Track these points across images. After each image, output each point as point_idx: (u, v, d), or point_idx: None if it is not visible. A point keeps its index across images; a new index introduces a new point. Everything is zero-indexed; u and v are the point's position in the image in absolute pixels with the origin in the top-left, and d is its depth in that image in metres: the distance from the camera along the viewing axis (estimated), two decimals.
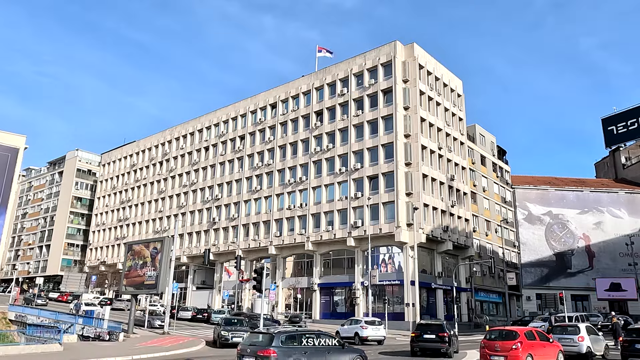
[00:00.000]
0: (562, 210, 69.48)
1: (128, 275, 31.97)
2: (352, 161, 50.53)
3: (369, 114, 50.65)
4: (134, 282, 31.44)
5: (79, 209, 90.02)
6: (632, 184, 73.46)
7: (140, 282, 30.98)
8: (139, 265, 31.24)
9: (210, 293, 61.62)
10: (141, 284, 30.87)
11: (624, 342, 19.00)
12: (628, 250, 64.63)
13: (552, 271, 67.48)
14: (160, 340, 28.24)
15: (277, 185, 57.01)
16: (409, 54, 50.90)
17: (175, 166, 71.12)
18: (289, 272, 55.01)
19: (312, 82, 57.19)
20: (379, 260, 47.55)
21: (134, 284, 31.43)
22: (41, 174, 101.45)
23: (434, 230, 47.84)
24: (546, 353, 18.64)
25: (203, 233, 63.97)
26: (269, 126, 60.35)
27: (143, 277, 30.77)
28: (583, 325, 22.18)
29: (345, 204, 49.76)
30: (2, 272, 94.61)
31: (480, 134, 64.79)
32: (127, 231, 75.13)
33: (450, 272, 49.18)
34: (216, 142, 66.37)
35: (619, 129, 76.26)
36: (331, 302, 50.34)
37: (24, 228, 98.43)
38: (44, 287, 76.37)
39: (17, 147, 39.97)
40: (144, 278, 30.70)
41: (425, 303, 47.16)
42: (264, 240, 56.09)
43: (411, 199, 46.29)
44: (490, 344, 18.08)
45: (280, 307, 53.13)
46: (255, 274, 22.26)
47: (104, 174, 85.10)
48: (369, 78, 51.67)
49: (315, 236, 51.25)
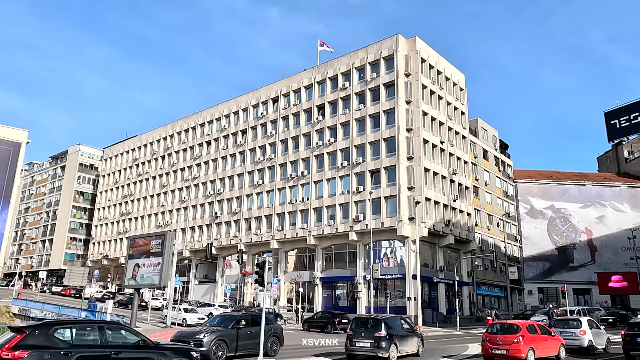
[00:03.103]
0: (565, 204, 69.40)
1: (134, 244, 32.29)
2: (354, 155, 50.48)
3: (371, 108, 50.55)
4: (140, 251, 31.49)
5: (82, 203, 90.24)
6: (635, 178, 73.29)
7: (147, 251, 31.03)
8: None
9: (212, 287, 61.84)
10: (148, 252, 30.87)
11: (626, 336, 18.98)
12: (630, 244, 64.60)
13: (554, 265, 67.50)
14: (164, 334, 28.36)
15: (279, 179, 57.03)
16: (411, 48, 50.72)
17: (177, 160, 71.15)
18: (291, 266, 55.12)
19: (314, 76, 57.06)
20: (380, 254, 47.61)
21: (141, 252, 31.45)
22: (43, 168, 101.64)
23: (436, 224, 47.85)
24: (548, 347, 18.68)
25: (205, 227, 64.09)
26: (270, 120, 60.30)
27: (149, 246, 31.00)
28: (585, 319, 22.20)
29: (347, 198, 49.77)
30: (6, 266, 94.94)
31: (482, 128, 64.64)
32: (129, 225, 75.32)
33: (452, 266, 49.21)
34: (218, 136, 66.35)
35: (622, 123, 76.01)
36: (333, 296, 50.46)
37: (27, 222, 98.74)
38: (47, 281, 76.67)
39: (20, 141, 40.06)
40: (149, 247, 30.92)
41: (427, 297, 47.28)
42: (266, 234, 56.18)
43: (413, 193, 46.27)
44: (492, 338, 18.11)
45: (282, 301, 53.28)
46: (258, 267, 22.28)
47: (106, 168, 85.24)
48: (371, 72, 51.51)
49: (317, 230, 51.30)
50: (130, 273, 31.64)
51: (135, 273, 31.48)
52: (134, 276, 31.44)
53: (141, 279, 30.91)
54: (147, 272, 30.49)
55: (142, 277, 30.85)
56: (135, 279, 31.29)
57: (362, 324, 18.92)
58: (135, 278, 31.36)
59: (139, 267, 31.14)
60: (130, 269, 31.67)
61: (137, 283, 31.50)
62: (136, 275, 31.39)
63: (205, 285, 63.53)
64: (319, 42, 58.57)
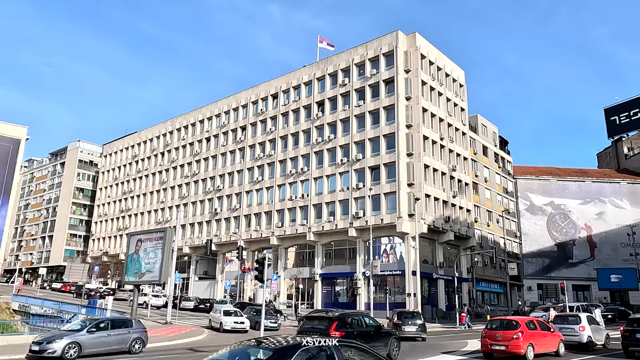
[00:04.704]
0: (564, 200, 69.43)
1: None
2: (354, 152, 50.46)
3: (371, 105, 50.50)
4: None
5: (81, 199, 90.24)
6: (635, 175, 73.30)
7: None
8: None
9: (212, 283, 61.93)
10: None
11: (625, 332, 19.02)
12: (629, 240, 64.68)
13: (554, 261, 67.60)
14: (163, 330, 28.45)
15: (279, 175, 57.02)
16: (411, 44, 50.62)
17: (177, 157, 71.14)
18: (291, 263, 55.19)
19: (313, 73, 56.98)
20: (380, 250, 47.66)
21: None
22: (43, 164, 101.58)
23: (436, 220, 47.87)
24: (547, 343, 18.72)
25: (205, 224, 64.13)
26: (270, 117, 60.24)
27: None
28: (584, 315, 22.24)
29: (347, 195, 49.78)
30: (6, 262, 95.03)
31: (482, 124, 64.61)
32: (129, 222, 75.37)
33: (451, 262, 49.27)
34: (217, 132, 66.31)
35: (622, 119, 75.94)
36: (333, 293, 50.54)
37: (27, 219, 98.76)
38: (47, 278, 76.76)
39: (19, 138, 40.04)
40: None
41: (427, 293, 47.37)
42: (265, 230, 56.21)
43: (413, 190, 46.28)
44: (492, 334, 18.15)
45: (282, 297, 53.37)
46: (257, 264, 22.30)
47: (106, 164, 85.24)
48: (370, 68, 51.43)
49: (317, 227, 51.34)
50: (133, 248, 31.77)
51: (139, 248, 31.52)
52: (136, 251, 31.44)
53: (144, 254, 30.80)
54: (150, 246, 30.56)
55: (145, 251, 30.83)
56: (138, 254, 31.22)
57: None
58: (138, 252, 31.33)
59: (142, 242, 31.23)
60: (133, 244, 31.81)
61: (139, 265, 31.31)
62: (139, 250, 31.40)
63: (205, 282, 63.63)
64: (319, 38, 58.55)
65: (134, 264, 31.79)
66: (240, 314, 30.89)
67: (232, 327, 28.91)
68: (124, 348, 19.25)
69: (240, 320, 29.57)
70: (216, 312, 31.60)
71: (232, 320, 29.35)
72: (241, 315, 30.60)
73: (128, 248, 33.01)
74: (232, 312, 30.57)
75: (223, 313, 30.05)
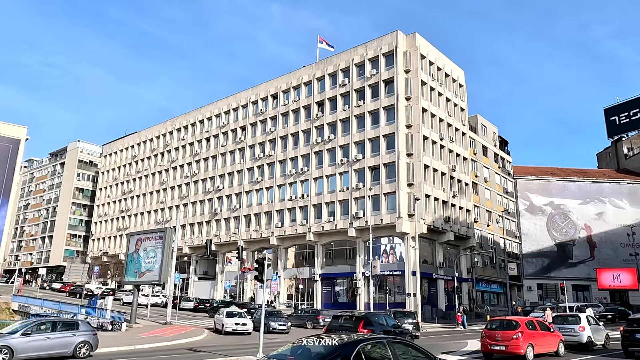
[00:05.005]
0: (564, 200, 69.43)
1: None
2: (354, 152, 50.46)
3: (371, 105, 50.50)
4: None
5: (81, 200, 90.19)
6: (634, 175, 73.30)
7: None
8: None
9: (212, 284, 61.91)
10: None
11: (625, 332, 19.01)
12: (629, 240, 64.66)
13: (553, 261, 67.59)
14: (163, 330, 28.45)
15: (279, 176, 57.02)
16: (411, 44, 50.63)
17: (177, 157, 71.13)
18: (291, 263, 55.18)
19: (313, 73, 56.98)
20: (380, 250, 47.66)
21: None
22: (43, 165, 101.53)
23: (435, 220, 47.87)
24: (547, 343, 18.72)
25: (205, 224, 64.12)
26: (270, 117, 60.24)
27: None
28: (584, 315, 22.24)
29: (347, 195, 49.78)
30: (5, 263, 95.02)
31: (482, 125, 64.61)
32: (129, 222, 75.36)
33: (451, 262, 49.27)
34: (217, 132, 66.30)
35: (622, 119, 76.00)
36: (333, 293, 50.54)
37: (27, 219, 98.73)
38: (46, 278, 76.75)
39: (19, 138, 40.05)
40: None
41: (427, 293, 47.36)
42: (265, 231, 56.21)
43: (412, 190, 46.28)
44: (491, 334, 18.15)
45: (282, 297, 53.36)
46: (257, 264, 22.29)
47: (106, 165, 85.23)
48: (370, 68, 51.43)
49: (317, 227, 51.34)
50: (133, 248, 31.72)
51: (138, 248, 31.54)
52: (136, 250, 31.49)
53: (144, 254, 30.84)
54: (150, 246, 30.56)
55: (145, 250, 30.86)
56: (138, 254, 31.27)
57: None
58: (137, 252, 31.39)
59: (142, 242, 31.23)
60: (133, 244, 31.74)
61: (139, 265, 31.34)
62: (139, 249, 31.44)
63: (205, 282, 63.60)
64: (319, 38, 58.53)
65: (133, 263, 31.82)
66: (245, 315, 29.98)
67: (232, 329, 28.04)
68: (68, 353, 17.97)
69: (242, 322, 28.57)
70: (220, 314, 30.57)
71: (234, 322, 28.37)
72: (245, 317, 29.62)
73: (128, 248, 33.08)
74: (235, 314, 29.60)
75: (225, 314, 29.22)
